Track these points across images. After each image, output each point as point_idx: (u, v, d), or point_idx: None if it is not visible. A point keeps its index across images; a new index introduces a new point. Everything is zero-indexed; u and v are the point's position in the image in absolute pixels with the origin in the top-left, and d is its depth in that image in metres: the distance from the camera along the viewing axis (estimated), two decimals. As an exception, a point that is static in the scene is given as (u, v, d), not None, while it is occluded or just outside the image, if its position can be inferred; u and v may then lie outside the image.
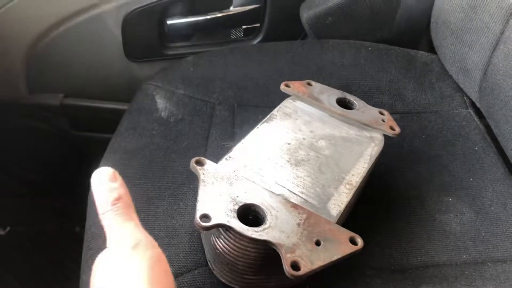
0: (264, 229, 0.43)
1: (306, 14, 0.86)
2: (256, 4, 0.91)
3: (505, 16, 0.65)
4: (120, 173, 0.61)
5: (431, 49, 0.85)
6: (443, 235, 0.56)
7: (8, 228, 1.12)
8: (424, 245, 0.55)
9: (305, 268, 0.40)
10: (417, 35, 0.88)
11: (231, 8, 0.91)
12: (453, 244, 0.56)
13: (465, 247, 0.55)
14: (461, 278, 0.51)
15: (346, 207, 0.48)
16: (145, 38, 0.92)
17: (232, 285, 0.48)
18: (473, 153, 0.67)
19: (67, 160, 1.12)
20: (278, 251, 0.41)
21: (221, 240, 0.46)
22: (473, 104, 0.75)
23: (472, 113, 0.74)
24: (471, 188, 0.62)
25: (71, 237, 1.11)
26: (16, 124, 1.05)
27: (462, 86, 0.77)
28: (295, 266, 0.40)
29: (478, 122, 0.72)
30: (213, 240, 0.47)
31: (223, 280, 0.48)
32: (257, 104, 0.73)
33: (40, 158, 1.11)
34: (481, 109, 0.73)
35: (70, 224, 1.14)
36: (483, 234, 0.57)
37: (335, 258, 0.42)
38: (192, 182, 0.59)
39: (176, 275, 0.49)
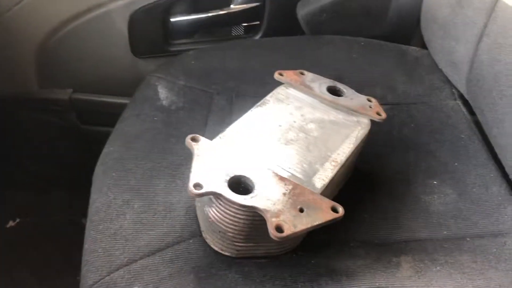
0: (252, 197, 0.46)
1: (302, 11, 0.91)
2: (256, 2, 0.95)
3: (488, 10, 0.68)
4: (123, 154, 0.65)
5: (423, 46, 0.88)
6: (426, 214, 0.59)
7: (18, 220, 1.16)
8: (408, 222, 0.58)
9: (288, 231, 0.44)
10: (409, 31, 0.91)
11: (232, 6, 0.95)
12: (435, 222, 0.59)
13: (446, 225, 0.58)
14: (440, 250, 0.54)
15: (331, 182, 0.52)
16: (150, 35, 0.97)
17: (223, 253, 0.52)
18: (459, 140, 0.70)
19: (75, 154, 1.15)
20: (264, 216, 0.45)
21: (213, 209, 0.49)
22: (461, 96, 0.79)
23: (460, 104, 0.77)
24: (456, 172, 0.65)
25: (78, 228, 1.15)
26: (27, 118, 1.09)
27: (450, 78, 0.80)
28: (279, 229, 0.44)
29: (465, 112, 0.76)
30: (206, 210, 0.51)
31: (215, 248, 0.52)
32: (254, 95, 0.76)
33: (49, 152, 1.14)
34: (468, 100, 0.76)
35: (76, 216, 1.18)
36: (465, 212, 0.60)
37: (316, 223, 0.45)
38: (189, 163, 0.63)
39: (173, 244, 0.53)
